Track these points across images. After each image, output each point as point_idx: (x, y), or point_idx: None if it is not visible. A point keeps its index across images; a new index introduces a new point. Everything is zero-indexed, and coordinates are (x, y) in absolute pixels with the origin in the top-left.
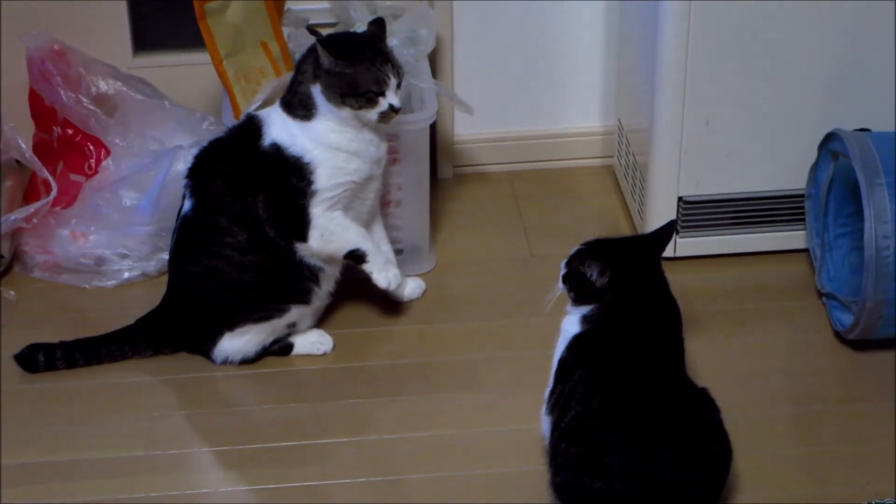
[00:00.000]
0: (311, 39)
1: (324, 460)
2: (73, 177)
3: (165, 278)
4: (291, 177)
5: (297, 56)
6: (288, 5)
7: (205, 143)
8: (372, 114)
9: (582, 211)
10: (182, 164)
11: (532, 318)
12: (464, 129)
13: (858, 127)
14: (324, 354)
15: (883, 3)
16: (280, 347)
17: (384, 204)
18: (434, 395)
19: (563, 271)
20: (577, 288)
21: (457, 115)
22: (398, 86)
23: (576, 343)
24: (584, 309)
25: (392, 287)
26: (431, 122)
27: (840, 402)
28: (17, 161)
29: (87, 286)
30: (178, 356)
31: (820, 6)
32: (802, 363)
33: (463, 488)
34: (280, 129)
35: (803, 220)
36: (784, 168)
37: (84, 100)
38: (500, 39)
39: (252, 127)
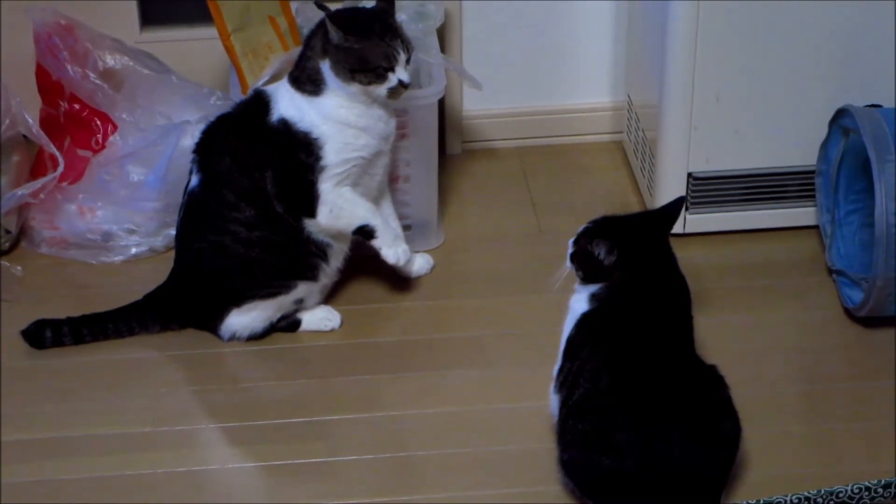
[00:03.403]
0: (319, 14)
1: (331, 437)
2: (80, 152)
3: (173, 254)
4: (300, 152)
5: (305, 31)
6: None
7: (212, 119)
8: (381, 89)
9: (591, 187)
10: (189, 139)
11: (540, 294)
12: (472, 105)
13: (869, 103)
14: (331, 331)
15: None
16: (288, 324)
17: (393, 180)
18: (442, 371)
19: (570, 250)
20: (586, 267)
21: (465, 90)
22: (408, 61)
23: (584, 321)
24: (593, 287)
25: (401, 263)
26: (440, 97)
27: (849, 380)
28: (24, 136)
29: (94, 262)
30: (186, 332)
31: None
32: (812, 340)
33: (471, 465)
34: (288, 104)
35: (813, 196)
36: (794, 144)
37: (91, 75)
38: (509, 14)
39: (260, 102)
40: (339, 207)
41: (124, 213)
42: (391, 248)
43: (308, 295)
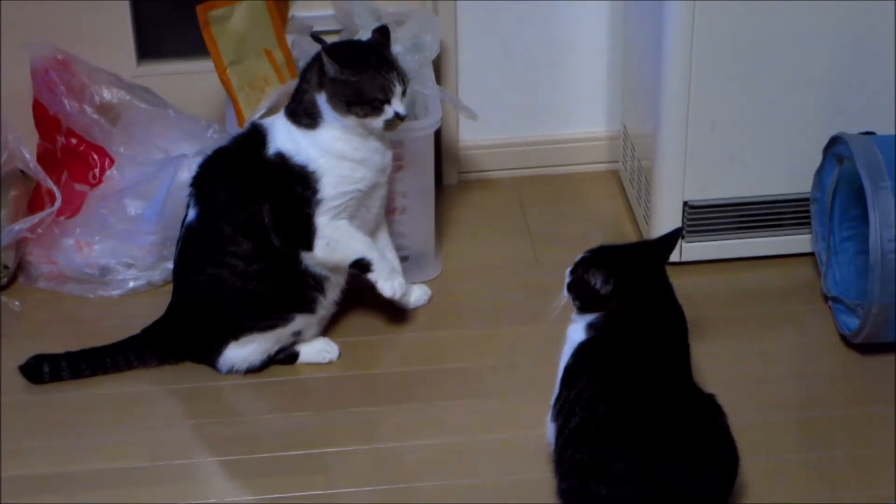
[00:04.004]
0: (315, 47)
1: (330, 469)
2: (78, 186)
3: (170, 287)
4: (296, 185)
5: (301, 63)
6: (291, 12)
7: (209, 152)
8: (377, 122)
9: (587, 216)
10: (186, 172)
11: (538, 324)
12: (468, 136)
13: (863, 130)
14: (329, 363)
15: (886, 3)
16: (286, 356)
17: (389, 211)
18: (440, 402)
19: (567, 279)
20: (582, 296)
21: (461, 121)
22: (403, 93)
23: (581, 351)
24: (590, 317)
25: (397, 296)
26: (436, 128)
27: (846, 406)
28: (22, 171)
29: (91, 296)
30: (184, 366)
31: (824, 8)
32: (808, 367)
33: (470, 496)
34: (285, 137)
35: (808, 223)
36: (789, 172)
37: (88, 109)
38: (505, 45)
39: (256, 135)
40: (335, 241)
41: (122, 247)
42: (387, 282)
43: (306, 327)
